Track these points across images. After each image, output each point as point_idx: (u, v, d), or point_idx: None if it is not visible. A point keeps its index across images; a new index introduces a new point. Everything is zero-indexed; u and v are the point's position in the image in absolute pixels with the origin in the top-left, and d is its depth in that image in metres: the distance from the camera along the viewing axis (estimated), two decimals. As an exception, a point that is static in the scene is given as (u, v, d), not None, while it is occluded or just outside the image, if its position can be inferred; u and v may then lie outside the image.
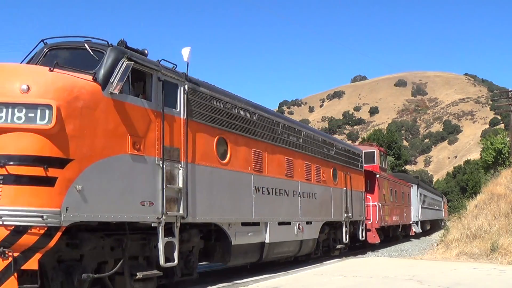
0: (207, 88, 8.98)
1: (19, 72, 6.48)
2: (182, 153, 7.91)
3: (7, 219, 5.74)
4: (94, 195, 6.40)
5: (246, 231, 9.66)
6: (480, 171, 63.71)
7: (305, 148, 12.62)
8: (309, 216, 12.45)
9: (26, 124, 5.94)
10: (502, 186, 18.59)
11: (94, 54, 7.10)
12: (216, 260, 9.58)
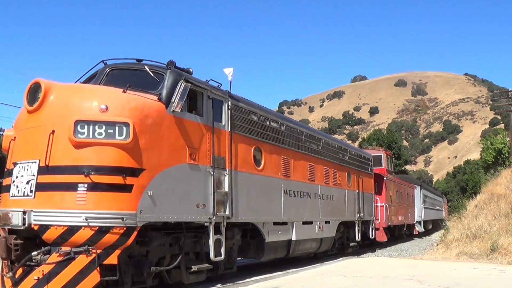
0: (245, 103, 10.07)
1: (96, 93, 7.41)
2: (227, 161, 8.97)
3: (92, 221, 6.66)
4: (161, 199, 7.38)
5: (277, 229, 10.71)
6: (480, 171, 63.74)
7: (324, 154, 13.77)
8: (328, 216, 13.62)
9: (106, 139, 6.89)
10: (502, 186, 18.58)
11: (154, 75, 8.06)
12: (250, 256, 10.57)
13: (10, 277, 6.96)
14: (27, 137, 7.25)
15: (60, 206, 6.74)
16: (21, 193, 7.00)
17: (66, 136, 6.86)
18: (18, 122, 7.79)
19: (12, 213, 6.85)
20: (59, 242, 6.75)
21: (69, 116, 6.91)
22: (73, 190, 6.77)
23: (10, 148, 7.59)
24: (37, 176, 6.89)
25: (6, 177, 7.58)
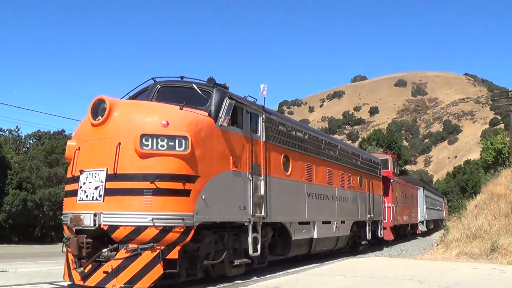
0: (276, 115, 11.31)
1: (158, 110, 8.38)
2: (262, 168, 10.02)
3: (157, 221, 7.61)
4: (211, 202, 8.35)
5: (301, 228, 11.84)
6: (480, 171, 63.73)
7: (340, 159, 14.97)
8: (343, 217, 14.75)
9: (168, 150, 7.85)
10: (502, 186, 18.57)
11: (202, 93, 9.07)
12: (278, 252, 11.46)
13: (80, 272, 7.76)
14: (93, 148, 8.13)
15: (128, 209, 7.66)
16: (90, 198, 7.87)
17: (132, 147, 7.81)
18: (81, 134, 8.63)
19: (84, 215, 7.74)
20: (127, 240, 7.64)
21: (134, 130, 7.87)
22: (140, 195, 7.70)
23: (75, 157, 8.40)
24: (105, 182, 7.78)
25: (70, 183, 8.48)
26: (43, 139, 54.05)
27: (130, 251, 7.58)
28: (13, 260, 16.75)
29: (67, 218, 8.15)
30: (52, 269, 12.09)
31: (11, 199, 38.46)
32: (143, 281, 7.53)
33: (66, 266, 8.35)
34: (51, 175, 44.23)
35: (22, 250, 27.34)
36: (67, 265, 8.33)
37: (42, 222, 42.79)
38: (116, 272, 7.51)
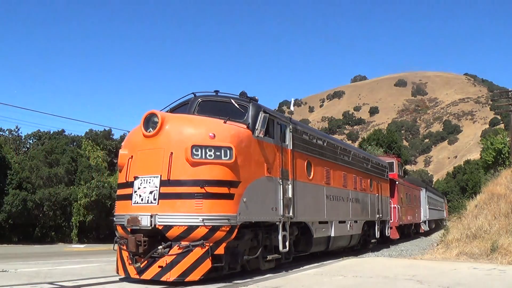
0: (300, 126, 12.47)
1: (205, 123, 9.40)
2: (290, 173, 11.09)
3: (207, 221, 8.61)
4: (250, 204, 9.35)
5: (321, 227, 13.00)
6: (480, 171, 63.70)
7: (353, 164, 16.18)
8: (356, 217, 15.95)
9: (215, 159, 8.88)
10: (502, 186, 18.57)
11: (239, 107, 10.16)
12: (300, 249, 12.42)
13: (136, 267, 8.68)
14: (146, 157, 9.10)
15: (181, 210, 8.66)
16: (145, 201, 8.84)
17: (183, 156, 8.81)
18: (133, 143, 9.60)
19: (141, 217, 8.72)
20: (179, 238, 8.62)
21: (185, 141, 8.90)
22: (191, 198, 8.70)
23: (128, 164, 9.35)
24: (159, 187, 8.76)
25: (123, 188, 9.40)
26: (43, 139, 54.05)
27: (182, 248, 8.56)
28: (13, 260, 16.74)
29: (124, 219, 9.07)
30: (52, 269, 12.08)
31: (11, 199, 38.45)
32: (194, 274, 8.51)
33: (120, 262, 9.22)
34: (51, 175, 44.22)
35: (22, 250, 27.34)
36: (121, 261, 9.20)
37: (42, 222, 42.79)
38: (170, 266, 8.49)
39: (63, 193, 42.87)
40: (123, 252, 9.12)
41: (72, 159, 47.21)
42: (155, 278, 8.56)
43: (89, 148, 52.40)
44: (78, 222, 43.64)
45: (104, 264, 14.03)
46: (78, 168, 47.07)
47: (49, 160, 45.75)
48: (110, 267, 12.62)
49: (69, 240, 43.12)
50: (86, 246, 35.89)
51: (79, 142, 54.30)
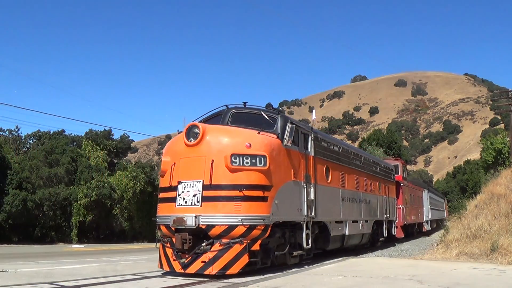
0: (320, 134, 13.75)
1: (242, 134, 10.56)
2: (312, 177, 12.28)
3: (245, 221, 9.74)
4: (280, 205, 10.48)
5: (337, 226, 14.21)
6: (480, 171, 63.68)
7: (364, 168, 17.38)
8: (367, 217, 17.14)
9: (252, 166, 10.05)
10: (502, 186, 18.56)
11: (269, 119, 11.36)
12: (318, 246, 13.42)
13: (181, 262, 9.77)
14: (189, 164, 10.23)
15: (222, 212, 9.77)
16: (189, 203, 9.94)
17: (223, 164, 9.95)
18: (175, 152, 10.75)
19: (186, 217, 9.82)
20: (220, 236, 9.72)
21: (225, 150, 10.04)
22: (231, 201, 9.81)
23: (171, 170, 10.50)
24: (202, 191, 9.87)
25: (166, 191, 10.51)
26: (43, 139, 54.04)
27: (223, 245, 9.67)
28: (13, 260, 16.74)
29: (169, 220, 10.12)
30: (52, 269, 12.09)
31: (11, 199, 38.45)
32: (233, 268, 9.59)
33: (164, 258, 10.34)
34: (51, 175, 44.22)
35: (22, 250, 27.34)
36: (165, 257, 10.31)
37: (42, 222, 42.78)
38: (212, 261, 9.58)
39: (63, 193, 42.87)
40: (167, 249, 10.27)
41: (72, 159, 47.21)
42: (198, 272, 9.58)
43: (89, 148, 52.39)
44: (78, 222, 43.63)
45: (104, 264, 14.02)
46: (78, 168, 47.07)
47: (49, 160, 45.73)
48: (110, 267, 12.63)
49: (69, 240, 43.11)
50: (86, 246, 35.89)
51: (79, 142, 54.29)
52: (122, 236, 48.48)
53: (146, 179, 48.54)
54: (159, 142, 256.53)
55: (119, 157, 59.48)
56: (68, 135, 56.38)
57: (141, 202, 48.53)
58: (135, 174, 47.33)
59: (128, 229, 48.43)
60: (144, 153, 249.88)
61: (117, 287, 8.67)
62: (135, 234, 48.40)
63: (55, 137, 53.96)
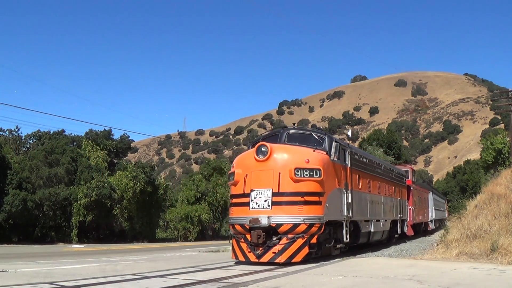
0: (353, 148, 16.63)
1: (302, 152, 13.01)
2: (349, 185, 14.85)
3: (306, 220, 12.26)
4: (329, 208, 13.03)
5: (365, 224, 16.70)
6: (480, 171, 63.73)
7: (383, 175, 20.03)
8: (386, 217, 19.77)
9: (310, 177, 12.49)
10: (502, 186, 18.56)
11: (318, 138, 13.99)
12: (350, 241, 15.20)
13: (256, 254, 12.27)
14: (259, 175, 12.68)
15: (288, 213, 12.29)
16: (261, 207, 12.41)
17: (288, 175, 12.42)
18: (246, 165, 13.11)
19: (261, 218, 12.26)
20: (287, 232, 12.23)
21: (289, 165, 12.53)
22: (295, 205, 12.36)
23: (244, 180, 12.89)
24: (271, 197, 12.37)
25: (240, 197, 12.96)
26: (43, 139, 54.05)
27: (289, 239, 12.17)
28: (13, 260, 16.75)
29: (245, 220, 12.53)
30: (52, 269, 12.09)
31: (11, 199, 38.45)
32: (297, 257, 12.11)
33: (239, 250, 12.76)
34: (51, 175, 44.22)
35: (22, 250, 27.34)
36: (240, 250, 12.74)
37: (42, 222, 42.79)
38: (281, 252, 12.12)
39: (63, 193, 42.86)
40: (241, 243, 12.71)
41: (72, 159, 47.20)
42: (270, 260, 12.06)
43: (89, 148, 52.40)
44: (78, 222, 43.62)
45: (104, 264, 14.01)
46: (78, 168, 47.06)
47: (49, 160, 45.73)
48: (110, 267, 12.63)
49: (69, 240, 43.11)
50: (86, 246, 35.90)
51: (79, 142, 54.31)
52: (122, 236, 48.49)
53: (146, 179, 48.54)
54: (159, 142, 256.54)
55: (119, 157, 59.49)
56: (68, 135, 56.39)
57: (141, 202, 48.55)
58: (135, 174, 47.33)
59: (128, 229, 48.44)
60: (144, 153, 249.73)
61: (117, 287, 8.65)
62: (135, 234, 48.41)
63: (55, 137, 53.97)
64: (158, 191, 52.43)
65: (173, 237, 53.58)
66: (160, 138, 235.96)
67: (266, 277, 9.59)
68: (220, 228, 61.70)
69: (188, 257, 17.56)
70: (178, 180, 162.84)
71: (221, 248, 23.04)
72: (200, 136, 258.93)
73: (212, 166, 60.60)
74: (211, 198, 55.86)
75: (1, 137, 50.10)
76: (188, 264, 13.18)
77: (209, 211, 55.13)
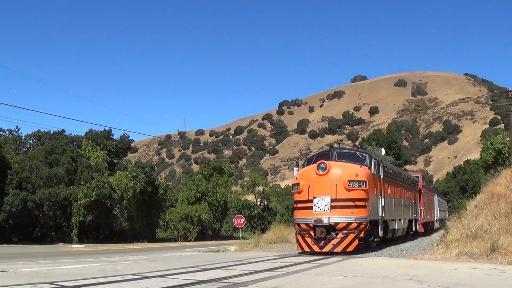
0: (384, 162, 20.59)
1: (352, 167, 16.45)
2: (382, 192, 18.47)
3: (357, 220, 15.70)
4: (371, 210, 16.45)
5: (392, 223, 20.25)
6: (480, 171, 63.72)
7: (403, 182, 23.83)
8: (405, 216, 23.33)
9: (358, 187, 15.95)
10: (502, 186, 18.58)
11: (361, 156, 17.67)
12: (383, 236, 18.60)
13: (319, 245, 15.67)
14: (320, 186, 16.13)
15: (343, 214, 15.73)
16: (322, 210, 15.85)
17: (342, 186, 15.90)
18: (308, 178, 16.53)
19: (323, 218, 15.70)
20: (342, 229, 15.68)
21: (343, 178, 15.98)
22: (348, 208, 15.78)
23: (308, 189, 16.33)
24: (330, 202, 15.84)
25: (304, 203, 16.37)
26: (43, 139, 54.09)
27: (344, 234, 15.65)
28: (13, 260, 16.75)
29: (310, 220, 15.95)
30: (52, 269, 12.09)
31: (11, 199, 38.46)
32: (349, 248, 15.60)
33: (305, 243, 16.18)
34: (51, 175, 44.24)
35: (22, 250, 27.35)
36: (305, 243, 16.16)
37: (42, 222, 42.81)
38: (338, 244, 15.59)
39: (63, 193, 42.86)
40: (306, 238, 16.15)
41: (72, 159, 47.20)
42: (330, 251, 15.56)
43: (89, 148, 52.41)
44: (78, 222, 43.63)
45: (104, 264, 14.01)
46: (78, 168, 47.07)
47: (49, 160, 45.75)
48: (110, 267, 12.63)
49: (69, 240, 43.12)
50: (86, 246, 35.90)
51: (79, 142, 54.32)
52: (122, 236, 48.48)
53: (146, 179, 48.54)
54: (159, 142, 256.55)
55: (119, 157, 59.49)
56: (68, 135, 56.41)
57: (141, 202, 48.56)
58: (135, 174, 47.32)
59: (128, 229, 48.42)
60: (144, 153, 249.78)
61: (117, 287, 8.65)
62: (135, 234, 48.40)
63: (55, 137, 53.99)
64: (158, 191, 52.44)
65: (173, 237, 53.60)
66: (160, 138, 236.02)
67: (266, 277, 9.57)
68: (220, 228, 61.74)
69: (188, 257, 17.57)
70: (178, 180, 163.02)
71: (221, 248, 23.04)
72: (200, 136, 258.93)
73: (212, 166, 60.62)
74: (211, 198, 55.88)
75: (1, 137, 50.10)
76: (188, 264, 13.17)
77: (209, 211, 55.15)
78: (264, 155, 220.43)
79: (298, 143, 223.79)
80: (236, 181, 68.96)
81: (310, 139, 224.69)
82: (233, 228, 62.39)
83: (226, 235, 63.97)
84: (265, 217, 70.24)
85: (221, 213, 57.69)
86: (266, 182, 75.54)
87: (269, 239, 25.49)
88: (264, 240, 25.39)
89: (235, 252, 20.59)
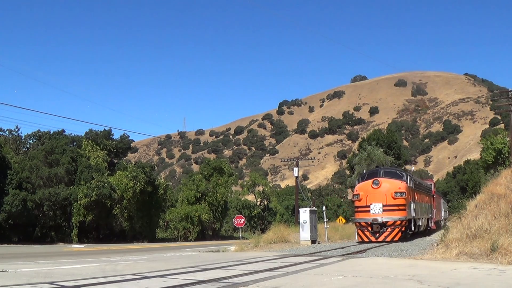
0: (413, 177, 27.73)
1: (395, 183, 24.29)
2: (413, 198, 25.54)
3: (401, 218, 23.68)
4: (408, 212, 24.22)
5: (418, 221, 26.32)
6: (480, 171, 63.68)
7: (423, 189, 30.46)
8: (425, 216, 29.71)
9: (401, 196, 23.97)
10: (502, 186, 18.56)
11: (399, 174, 25.82)
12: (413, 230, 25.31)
13: (375, 237, 23.39)
14: (375, 195, 23.68)
15: (391, 215, 23.34)
16: (377, 212, 23.47)
17: (390, 195, 23.55)
18: (366, 190, 24.14)
19: (378, 218, 23.33)
20: (390, 225, 23.37)
21: (391, 190, 23.75)
22: (394, 211, 23.39)
23: (366, 198, 23.83)
24: (382, 207, 23.45)
25: (362, 207, 24.11)
26: (43, 139, 54.08)
27: (391, 229, 23.22)
28: (13, 260, 16.75)
29: (368, 219, 23.38)
30: (52, 269, 12.09)
31: (11, 199, 38.46)
32: (395, 238, 23.13)
33: (364, 236, 23.70)
34: (51, 175, 44.25)
35: (22, 250, 27.35)
36: (365, 236, 23.68)
37: (42, 222, 42.83)
38: (388, 235, 23.21)
39: (63, 193, 42.87)
40: (366, 232, 23.53)
41: (72, 159, 47.20)
42: (383, 240, 22.69)
43: (89, 148, 52.43)
44: (78, 222, 43.64)
45: (104, 264, 14.01)
46: (78, 168, 47.07)
47: (49, 160, 45.76)
48: (110, 267, 12.63)
49: (69, 240, 43.13)
50: (86, 246, 35.90)
51: (79, 142, 54.32)
52: (122, 236, 48.48)
53: (146, 179, 48.53)
54: (159, 142, 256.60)
55: (119, 157, 59.50)
56: (68, 135, 56.40)
57: (141, 202, 48.55)
58: (135, 174, 47.33)
59: (128, 229, 48.42)
60: (144, 153, 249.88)
61: (117, 287, 8.65)
62: (135, 234, 48.40)
63: (55, 137, 53.97)
64: (158, 191, 52.44)
65: (173, 237, 53.60)
66: (160, 138, 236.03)
67: (266, 277, 9.57)
68: (220, 228, 61.73)
69: (188, 257, 17.57)
70: (178, 180, 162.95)
71: (221, 248, 23.05)
72: (200, 136, 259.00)
73: (212, 166, 60.63)
74: (211, 198, 55.88)
75: (1, 137, 50.08)
76: (188, 264, 13.17)
77: (209, 211, 55.16)
78: (264, 155, 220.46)
79: (298, 143, 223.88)
80: (236, 181, 68.93)
81: (310, 139, 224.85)
82: (233, 228, 62.42)
83: (226, 235, 63.97)
84: (265, 217, 70.29)
85: (221, 213, 57.69)
86: (266, 182, 75.55)
87: (269, 239, 25.51)
88: (264, 240, 25.41)
89: (235, 252, 20.59)
